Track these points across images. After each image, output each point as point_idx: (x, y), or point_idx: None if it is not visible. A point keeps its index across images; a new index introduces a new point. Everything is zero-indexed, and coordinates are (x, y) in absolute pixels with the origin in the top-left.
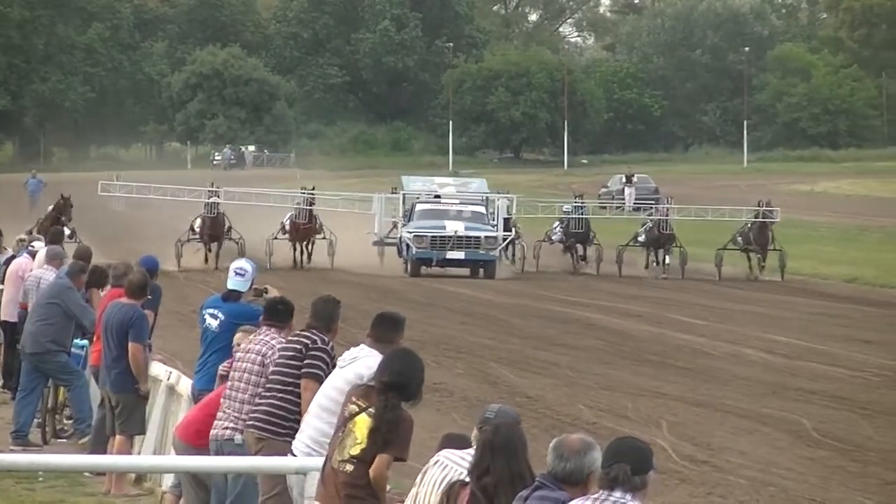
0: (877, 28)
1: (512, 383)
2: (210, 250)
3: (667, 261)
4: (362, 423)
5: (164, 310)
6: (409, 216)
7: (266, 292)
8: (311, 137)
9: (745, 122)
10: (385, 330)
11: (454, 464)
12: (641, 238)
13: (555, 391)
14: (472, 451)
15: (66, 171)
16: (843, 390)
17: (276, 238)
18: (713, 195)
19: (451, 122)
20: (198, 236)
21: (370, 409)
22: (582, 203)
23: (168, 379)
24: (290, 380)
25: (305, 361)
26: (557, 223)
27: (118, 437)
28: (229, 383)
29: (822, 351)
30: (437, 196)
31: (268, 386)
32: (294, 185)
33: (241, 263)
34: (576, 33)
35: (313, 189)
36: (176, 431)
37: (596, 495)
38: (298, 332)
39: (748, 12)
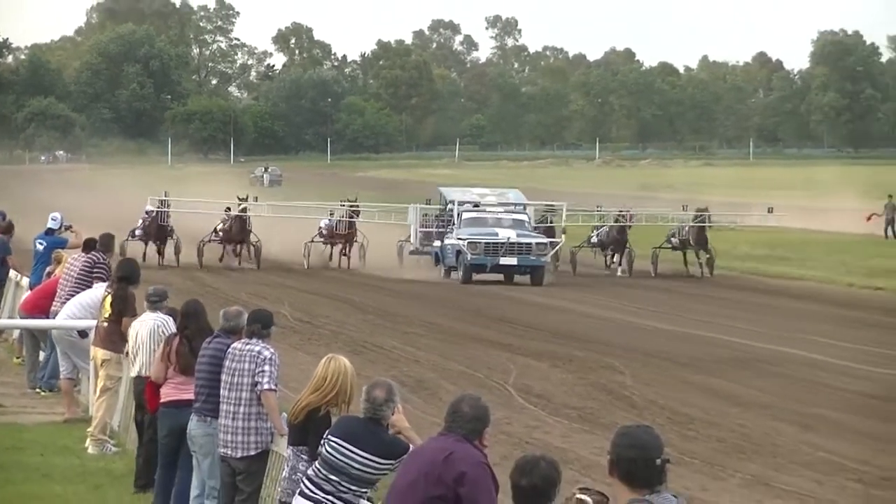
0: (399, 88)
1: (206, 282)
2: (235, 252)
3: (622, 263)
4: (107, 301)
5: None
6: (455, 224)
7: (71, 227)
8: (93, 147)
9: (328, 139)
10: (103, 243)
11: (149, 322)
12: (594, 240)
13: (227, 284)
14: (159, 314)
15: None
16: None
17: (312, 242)
18: (326, 181)
19: (170, 139)
20: (218, 238)
21: (111, 293)
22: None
23: (16, 278)
24: (85, 278)
25: (94, 270)
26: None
27: None
28: (61, 281)
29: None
30: (477, 204)
31: (73, 282)
32: (84, 173)
33: (55, 214)
34: (237, 91)
35: (356, 200)
36: (20, 306)
37: (244, 340)
38: (93, 252)
39: (331, 80)
